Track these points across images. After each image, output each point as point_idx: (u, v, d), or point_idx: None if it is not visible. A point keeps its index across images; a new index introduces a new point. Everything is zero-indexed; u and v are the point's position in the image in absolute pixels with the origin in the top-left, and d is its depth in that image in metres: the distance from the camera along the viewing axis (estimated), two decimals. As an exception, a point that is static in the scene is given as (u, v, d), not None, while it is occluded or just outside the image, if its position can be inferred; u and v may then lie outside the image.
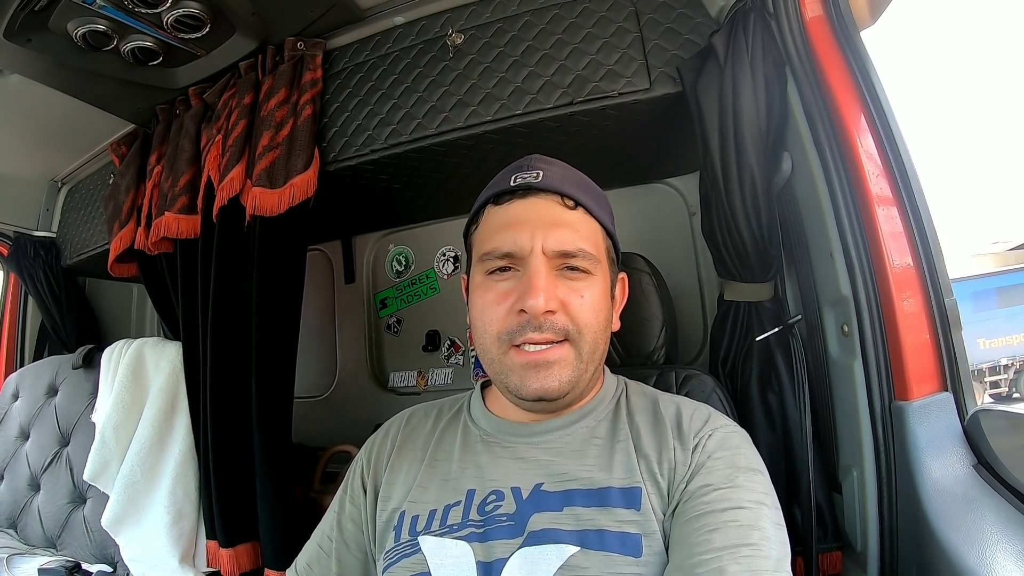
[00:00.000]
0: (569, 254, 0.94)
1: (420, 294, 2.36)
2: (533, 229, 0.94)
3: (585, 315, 0.94)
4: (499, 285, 0.96)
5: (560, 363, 0.93)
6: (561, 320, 0.92)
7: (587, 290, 0.95)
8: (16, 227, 2.48)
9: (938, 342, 1.07)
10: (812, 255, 1.28)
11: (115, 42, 1.56)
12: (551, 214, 0.97)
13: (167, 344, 1.94)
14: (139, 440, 1.79)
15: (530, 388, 0.93)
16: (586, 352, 0.95)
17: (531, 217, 0.96)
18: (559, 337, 0.93)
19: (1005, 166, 49.53)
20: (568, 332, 0.93)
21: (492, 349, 0.96)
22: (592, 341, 0.95)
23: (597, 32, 1.41)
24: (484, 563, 0.87)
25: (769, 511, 0.83)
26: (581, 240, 0.96)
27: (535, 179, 0.98)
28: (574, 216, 0.98)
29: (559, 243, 0.94)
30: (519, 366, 0.93)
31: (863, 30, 1.17)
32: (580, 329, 0.93)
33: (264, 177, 1.59)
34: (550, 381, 0.92)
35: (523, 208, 0.98)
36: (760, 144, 1.24)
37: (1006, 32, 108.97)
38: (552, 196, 0.98)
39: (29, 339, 2.65)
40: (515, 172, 1.01)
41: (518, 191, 0.99)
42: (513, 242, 0.94)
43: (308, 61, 1.67)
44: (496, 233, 0.98)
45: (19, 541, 2.01)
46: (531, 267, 0.93)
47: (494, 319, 0.95)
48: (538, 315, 0.91)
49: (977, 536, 0.92)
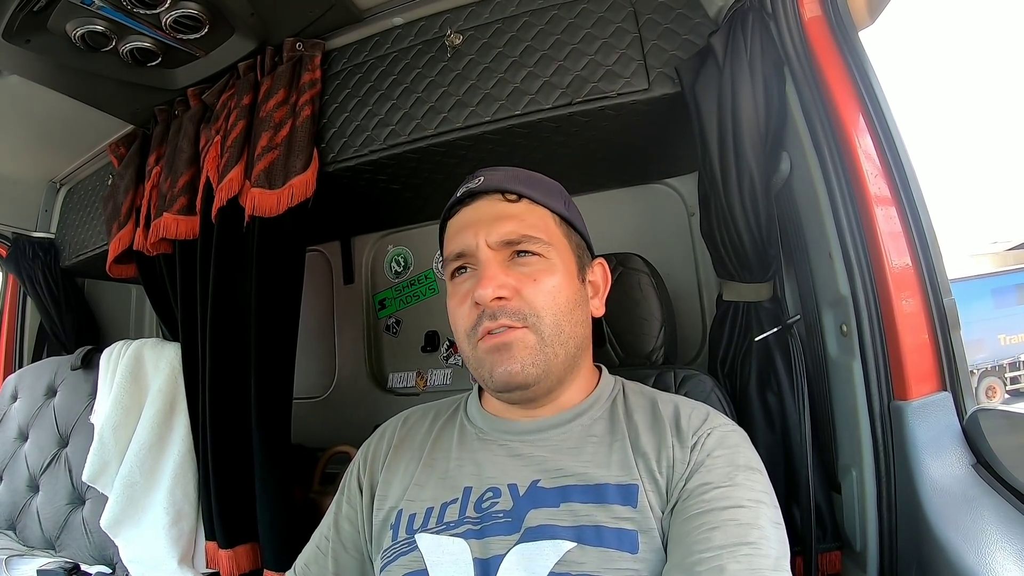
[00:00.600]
0: (512, 242, 0.99)
1: (419, 295, 2.36)
2: (477, 227, 1.00)
3: (541, 298, 0.97)
4: (461, 286, 1.02)
5: (518, 344, 0.95)
6: (515, 304, 0.95)
7: (540, 274, 0.98)
8: (15, 228, 2.47)
9: (937, 342, 1.07)
10: (811, 255, 1.28)
11: (114, 43, 1.56)
12: (493, 211, 1.02)
13: (166, 345, 1.94)
14: (138, 441, 1.79)
15: (497, 374, 0.95)
16: (548, 334, 0.96)
17: (475, 217, 1.03)
18: (517, 323, 0.95)
19: (1004, 166, 49.67)
20: (525, 316, 0.95)
21: (465, 346, 1.01)
22: (554, 323, 0.97)
23: (596, 32, 1.41)
24: (481, 560, 0.87)
25: (768, 510, 0.84)
26: (525, 227, 1.00)
27: (477, 184, 1.05)
28: (517, 208, 1.03)
29: (500, 234, 0.99)
30: (484, 353, 0.96)
31: (862, 30, 1.17)
32: (537, 312, 0.96)
33: (263, 178, 1.59)
34: (512, 364, 0.94)
35: (469, 212, 1.05)
36: (759, 144, 1.24)
37: (1005, 32, 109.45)
38: (493, 195, 1.04)
39: (28, 340, 2.64)
40: (463, 185, 1.08)
41: (465, 199, 1.06)
42: (461, 242, 1.01)
43: (307, 62, 1.66)
44: (450, 240, 1.05)
45: (18, 542, 2.00)
46: (480, 260, 0.98)
47: (461, 317, 1.00)
48: (488, 303, 0.94)
49: (976, 535, 0.92)
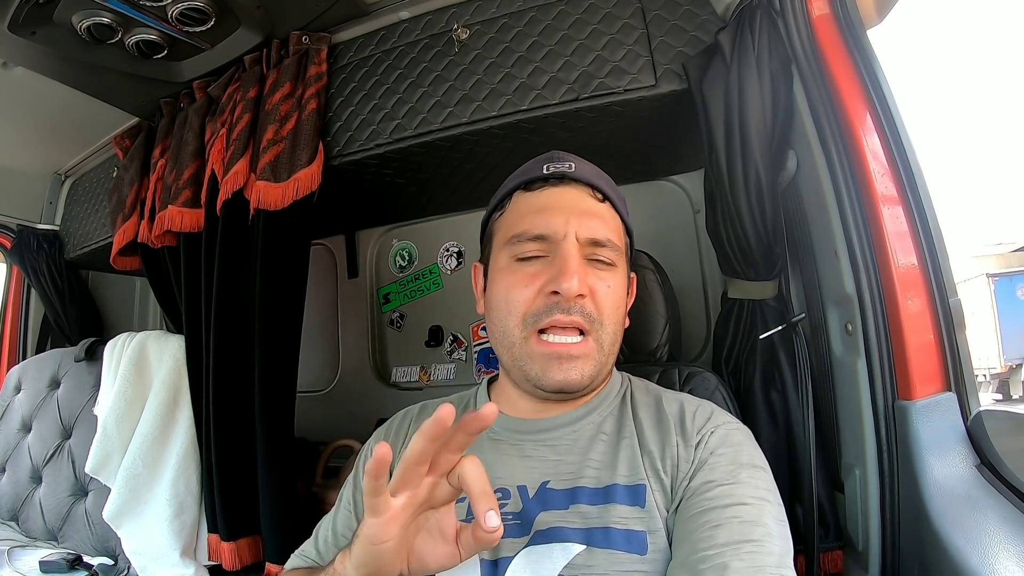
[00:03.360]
0: (599, 243, 0.97)
1: (423, 289, 2.36)
2: (567, 215, 0.96)
3: (609, 304, 0.96)
4: (526, 267, 0.97)
5: (584, 358, 0.94)
6: (589, 306, 0.94)
7: (612, 280, 0.97)
8: (19, 220, 2.48)
9: (942, 342, 1.06)
10: (816, 253, 1.28)
11: (120, 35, 1.56)
12: (584, 203, 0.99)
13: (170, 337, 1.94)
14: (141, 433, 1.79)
15: (552, 379, 0.93)
16: (607, 344, 0.96)
17: (564, 204, 0.99)
18: (585, 323, 0.94)
19: (1009, 167, 49.55)
20: (593, 320, 0.94)
21: (515, 332, 0.96)
22: (612, 332, 0.97)
23: (603, 28, 1.41)
24: (489, 561, 0.87)
25: (772, 507, 0.83)
26: (610, 231, 0.98)
27: (568, 169, 1.01)
28: (603, 208, 1.01)
29: (591, 231, 0.96)
30: (541, 355, 0.94)
31: (870, 29, 1.17)
32: (603, 320, 0.95)
33: (268, 171, 1.59)
34: (573, 374, 0.93)
35: (556, 195, 1.00)
36: (765, 142, 1.24)
37: (1013, 33, 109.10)
38: (584, 187, 1.01)
39: (32, 332, 2.66)
40: (546, 162, 1.03)
41: (551, 179, 1.01)
42: (546, 224, 0.96)
43: (313, 55, 1.66)
44: (527, 216, 0.99)
45: (20, 534, 2.01)
46: (564, 251, 0.94)
47: (520, 300, 0.96)
48: (571, 297, 0.92)
49: (979, 537, 0.92)
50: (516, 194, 1.05)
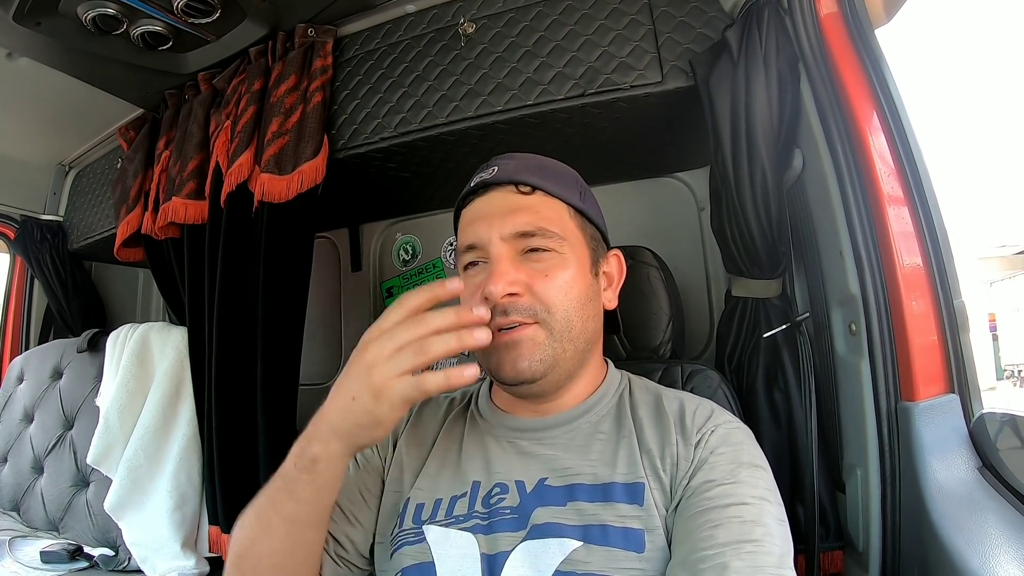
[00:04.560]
0: (527, 234, 0.96)
1: (427, 283, 2.34)
2: (491, 219, 0.98)
3: (552, 294, 0.95)
4: (473, 279, 0.99)
5: (528, 342, 0.93)
6: (527, 301, 0.94)
7: (553, 269, 0.96)
8: (23, 210, 2.48)
9: (946, 343, 1.06)
10: (821, 253, 1.27)
11: (125, 26, 1.55)
12: (506, 202, 1.00)
13: (172, 329, 1.94)
14: (143, 425, 1.79)
15: (506, 370, 0.94)
16: (558, 330, 0.95)
17: (489, 209, 1.00)
18: (528, 319, 0.94)
19: (1013, 169, 49.06)
20: (536, 312, 0.94)
21: None
22: (564, 319, 0.95)
23: (610, 24, 1.40)
24: (488, 555, 0.87)
25: (772, 507, 0.83)
26: (540, 220, 0.97)
27: (490, 175, 1.02)
28: (531, 200, 1.00)
29: (514, 226, 0.96)
30: (495, 348, 0.94)
31: (878, 28, 1.17)
32: (548, 308, 0.94)
33: (273, 163, 1.59)
34: (521, 362, 0.93)
35: (482, 203, 1.02)
36: (772, 140, 1.23)
37: (1018, 34, 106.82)
38: (507, 187, 1.01)
39: (34, 322, 2.66)
40: (477, 174, 1.06)
41: (478, 189, 1.03)
42: (473, 234, 0.99)
43: (318, 48, 1.66)
44: (463, 232, 1.04)
45: (22, 524, 2.02)
46: (492, 255, 0.96)
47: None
48: (497, 300, 0.92)
49: (981, 539, 0.92)
50: (462, 211, 1.08)
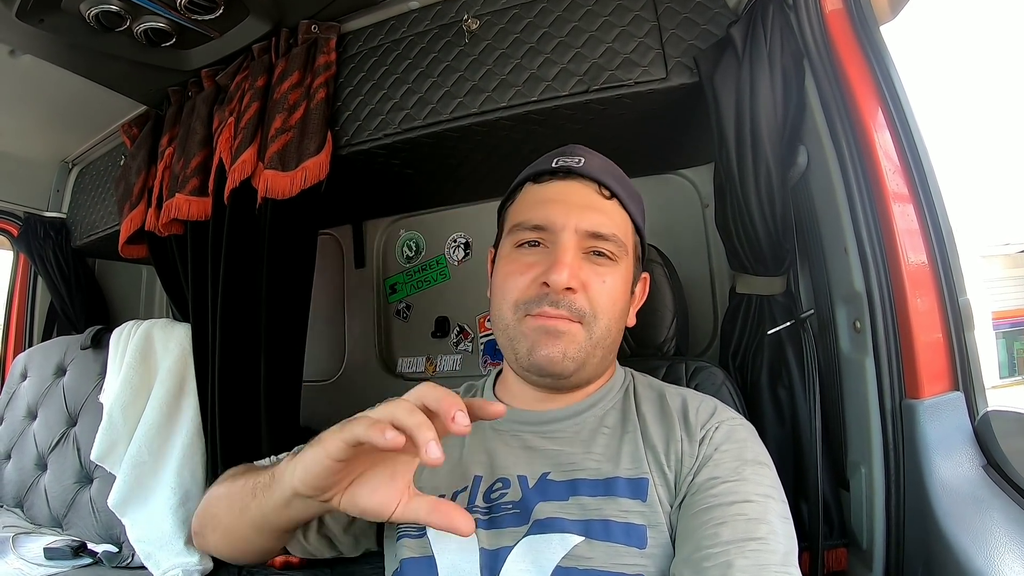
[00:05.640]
0: (600, 236, 0.97)
1: (430, 280, 2.35)
2: (568, 208, 0.97)
3: (603, 300, 0.96)
4: (525, 257, 0.98)
5: (569, 336, 0.94)
6: (579, 301, 0.94)
7: (609, 275, 0.97)
8: (26, 207, 2.48)
9: (951, 341, 1.06)
10: (826, 250, 1.27)
11: (128, 23, 1.55)
12: (587, 198, 1.00)
13: (176, 326, 1.94)
14: (147, 421, 1.79)
15: (538, 355, 0.94)
16: (596, 335, 0.96)
17: (568, 197, 0.99)
18: (574, 317, 0.94)
19: (1019, 166, 48.64)
20: (584, 314, 0.94)
21: (507, 315, 0.97)
22: (604, 327, 0.96)
23: (614, 20, 1.40)
24: (489, 550, 0.87)
25: (776, 505, 0.83)
26: (613, 226, 0.98)
27: (576, 164, 1.01)
28: (608, 205, 1.00)
29: (592, 224, 0.96)
30: (531, 330, 0.94)
31: (883, 25, 1.16)
32: (595, 313, 0.95)
33: (276, 160, 1.58)
34: (556, 351, 0.93)
35: (561, 188, 1.01)
36: (776, 137, 1.23)
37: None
38: (590, 183, 1.01)
39: (38, 320, 2.65)
40: (558, 156, 1.04)
41: (559, 172, 1.02)
42: (546, 216, 0.97)
43: (322, 44, 1.66)
44: (531, 208, 1.01)
45: (25, 520, 2.02)
46: (560, 243, 0.95)
47: (514, 288, 0.97)
48: (559, 290, 0.92)
49: (985, 537, 0.92)
50: (526, 185, 1.06)
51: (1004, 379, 11.43)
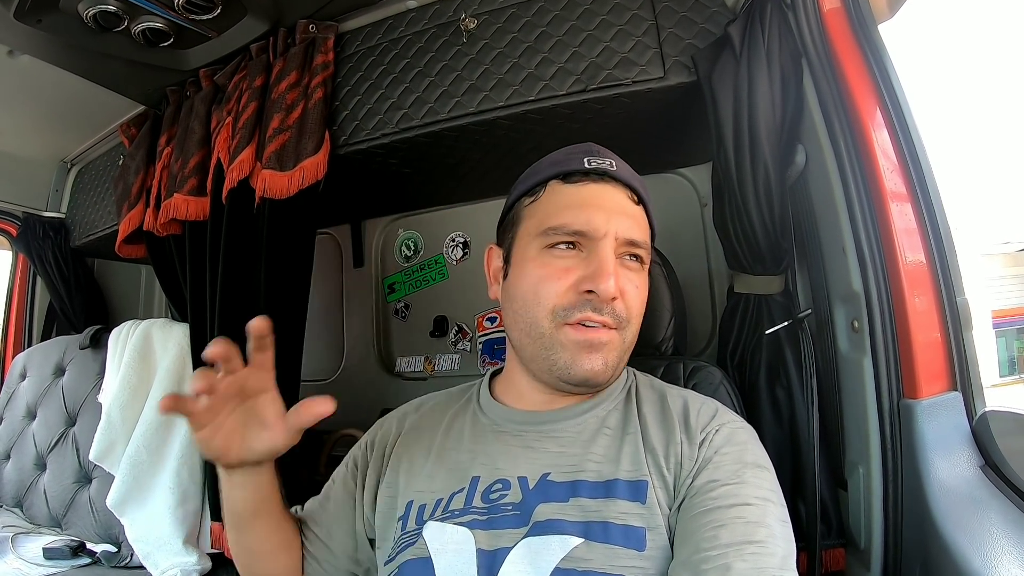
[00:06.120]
0: (636, 243, 0.97)
1: (429, 279, 2.35)
2: (609, 215, 0.95)
3: (636, 306, 0.97)
4: (559, 261, 0.96)
5: (609, 345, 0.94)
6: (619, 307, 0.94)
7: (640, 281, 0.99)
8: (25, 207, 2.49)
9: (949, 341, 1.06)
10: (824, 249, 1.27)
11: (126, 23, 1.55)
12: (622, 204, 0.99)
13: (175, 325, 1.95)
14: (145, 421, 1.80)
15: (581, 367, 0.93)
16: (628, 340, 0.97)
17: (606, 202, 0.98)
18: (614, 324, 0.94)
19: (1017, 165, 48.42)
20: (621, 319, 0.95)
21: (544, 323, 0.95)
22: (634, 332, 0.98)
23: (612, 19, 1.40)
24: (486, 551, 0.87)
25: (775, 508, 0.83)
26: (643, 233, 0.99)
27: (610, 167, 1.00)
28: (638, 211, 1.01)
29: (630, 231, 0.96)
30: (574, 343, 0.93)
31: (881, 24, 1.16)
32: (629, 319, 0.96)
33: (274, 159, 1.58)
34: (597, 363, 0.93)
35: (598, 192, 0.99)
36: (774, 136, 1.23)
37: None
38: (624, 188, 1.00)
39: (37, 319, 2.66)
40: (586, 155, 1.02)
41: (592, 174, 1.00)
42: (586, 221, 0.95)
43: (320, 44, 1.65)
44: (567, 210, 0.97)
45: (24, 520, 2.03)
46: (602, 250, 0.94)
47: (551, 293, 0.95)
48: (607, 299, 0.92)
49: (983, 538, 0.92)
50: (552, 183, 1.02)
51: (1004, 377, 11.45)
